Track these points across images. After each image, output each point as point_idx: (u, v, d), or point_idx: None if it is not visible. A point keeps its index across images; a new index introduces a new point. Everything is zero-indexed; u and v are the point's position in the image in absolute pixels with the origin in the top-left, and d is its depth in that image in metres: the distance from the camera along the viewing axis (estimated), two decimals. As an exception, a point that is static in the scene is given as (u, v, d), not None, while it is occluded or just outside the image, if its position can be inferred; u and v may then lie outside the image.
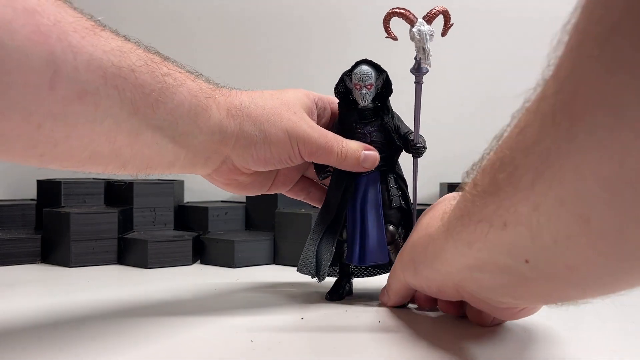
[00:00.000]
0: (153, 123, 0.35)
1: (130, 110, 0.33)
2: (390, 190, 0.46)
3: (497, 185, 0.24)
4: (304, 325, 0.39)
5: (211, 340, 0.35)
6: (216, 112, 0.39)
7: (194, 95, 0.37)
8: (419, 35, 0.41)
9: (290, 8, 0.91)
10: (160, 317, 0.41)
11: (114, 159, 0.35)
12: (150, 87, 0.34)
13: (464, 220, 0.28)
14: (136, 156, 0.36)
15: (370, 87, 0.44)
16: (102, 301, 0.46)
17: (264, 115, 0.41)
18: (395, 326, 0.39)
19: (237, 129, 0.40)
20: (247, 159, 0.41)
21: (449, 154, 0.87)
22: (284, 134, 0.41)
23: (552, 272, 0.24)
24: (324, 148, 0.42)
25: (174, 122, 0.37)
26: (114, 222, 0.65)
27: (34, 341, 0.35)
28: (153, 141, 0.36)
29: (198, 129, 0.38)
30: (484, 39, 0.88)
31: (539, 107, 0.21)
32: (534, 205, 0.22)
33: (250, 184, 0.45)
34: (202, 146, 0.39)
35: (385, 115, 0.45)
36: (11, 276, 0.58)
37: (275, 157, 0.42)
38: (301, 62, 0.90)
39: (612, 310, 0.46)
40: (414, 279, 0.39)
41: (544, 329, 0.39)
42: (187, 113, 0.37)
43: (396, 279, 0.42)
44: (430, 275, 0.36)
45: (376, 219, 0.45)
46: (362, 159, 0.43)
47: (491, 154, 0.26)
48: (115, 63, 0.32)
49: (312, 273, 0.45)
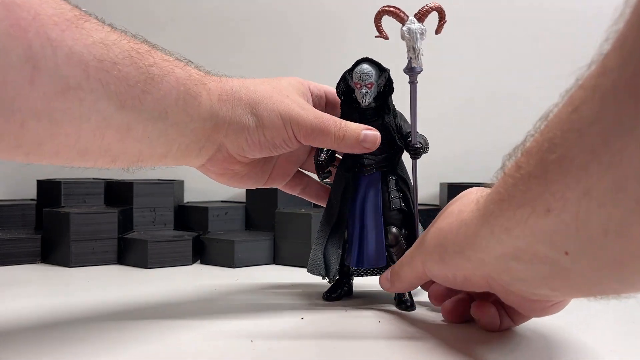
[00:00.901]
0: (143, 116, 0.35)
1: (117, 104, 0.33)
2: (390, 192, 0.45)
3: (545, 167, 0.22)
4: (304, 326, 0.39)
5: (211, 340, 0.35)
6: (207, 98, 0.38)
7: (182, 83, 0.37)
8: (409, 34, 0.41)
9: (284, 7, 0.91)
10: (160, 317, 0.41)
11: (103, 155, 0.35)
12: (135, 79, 0.34)
13: (502, 205, 0.26)
14: (127, 150, 0.35)
15: (371, 86, 0.43)
16: (102, 301, 0.46)
17: (256, 99, 0.40)
18: (395, 326, 0.39)
19: (229, 114, 0.39)
20: (242, 144, 0.40)
21: (449, 154, 0.87)
22: (277, 117, 0.40)
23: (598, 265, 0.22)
24: (319, 129, 0.41)
25: (164, 112, 0.36)
26: (114, 222, 0.65)
27: (34, 341, 0.35)
28: (144, 135, 0.35)
29: (189, 117, 0.37)
30: (484, 38, 0.87)
31: (597, 83, 0.20)
32: (584, 190, 0.20)
33: (246, 176, 0.44)
34: (194, 134, 0.38)
35: (386, 115, 0.45)
36: (11, 276, 0.58)
37: (269, 141, 0.40)
38: (298, 61, 0.90)
39: (612, 310, 0.46)
40: (437, 267, 0.36)
41: (543, 329, 0.39)
42: (175, 102, 0.36)
43: (410, 267, 0.39)
44: (460, 263, 0.33)
45: (375, 222, 0.45)
46: (361, 138, 0.42)
47: (537, 136, 0.24)
48: (97, 57, 0.31)
49: (322, 274, 0.45)
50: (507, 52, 0.87)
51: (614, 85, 0.19)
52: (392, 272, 0.42)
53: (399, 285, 0.41)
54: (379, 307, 0.45)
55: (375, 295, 0.49)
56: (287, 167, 0.47)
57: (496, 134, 0.87)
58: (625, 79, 0.18)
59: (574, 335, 0.38)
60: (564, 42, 0.84)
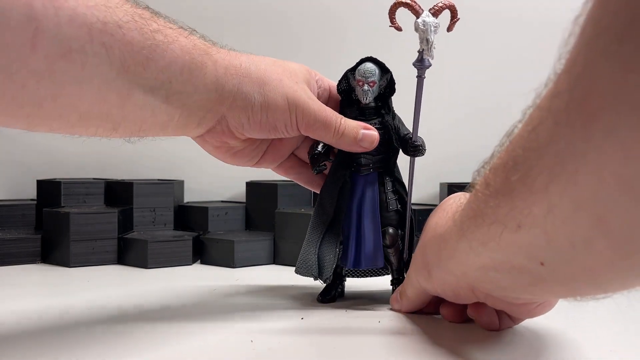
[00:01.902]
0: (144, 82, 0.34)
1: (119, 68, 0.32)
2: (387, 193, 0.45)
3: (510, 186, 0.23)
4: (304, 326, 0.39)
5: (211, 341, 0.35)
6: (212, 69, 0.37)
7: (187, 52, 0.36)
8: (424, 26, 0.40)
9: (284, 7, 0.91)
10: (160, 317, 0.41)
11: (104, 121, 0.34)
12: (140, 45, 0.33)
13: (477, 220, 0.27)
14: (128, 117, 0.35)
15: (373, 85, 0.43)
16: (102, 301, 0.46)
17: (265, 78, 0.39)
18: (395, 327, 0.39)
19: (235, 88, 0.38)
20: (243, 121, 0.39)
21: (449, 154, 0.87)
22: (283, 101, 0.39)
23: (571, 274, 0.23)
24: (322, 122, 0.41)
25: (167, 81, 0.35)
26: (114, 222, 0.65)
27: (34, 341, 0.35)
28: (145, 101, 0.34)
29: (193, 86, 0.36)
30: (485, 39, 0.87)
31: (551, 104, 0.20)
32: (548, 208, 0.21)
33: (240, 152, 0.43)
34: (196, 105, 0.37)
35: (386, 115, 0.45)
36: (11, 276, 0.58)
37: (271, 123, 0.40)
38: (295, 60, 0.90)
39: (612, 310, 0.46)
40: (428, 283, 0.37)
41: (543, 329, 0.39)
42: (180, 71, 0.35)
43: (411, 285, 0.40)
44: (445, 277, 0.35)
45: (373, 222, 0.44)
46: (359, 138, 0.42)
47: (502, 153, 0.25)
48: (101, 19, 0.30)
49: (314, 275, 0.44)
50: (508, 52, 0.87)
51: (566, 107, 0.19)
52: (400, 292, 0.42)
53: (408, 304, 0.42)
54: (379, 307, 0.45)
55: (374, 295, 0.49)
56: (280, 150, 0.46)
57: (496, 134, 0.87)
58: (575, 101, 0.19)
59: (574, 335, 0.38)
60: (564, 42, 0.84)
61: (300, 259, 0.45)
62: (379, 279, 0.50)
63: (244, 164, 0.45)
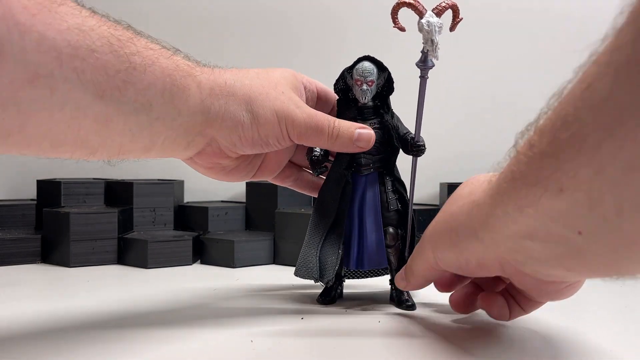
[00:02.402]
0: (124, 108, 0.33)
1: (94, 93, 0.31)
2: (388, 193, 0.45)
3: (558, 146, 0.22)
4: (304, 326, 0.39)
5: (211, 341, 0.35)
6: (196, 91, 0.37)
7: (168, 74, 0.35)
8: (428, 26, 0.40)
9: (284, 7, 0.91)
10: (160, 317, 0.41)
11: (80, 147, 0.33)
12: (115, 68, 0.32)
13: (515, 183, 0.26)
14: (106, 143, 0.34)
15: (372, 84, 0.43)
16: (102, 301, 0.46)
17: (251, 94, 0.39)
18: (395, 327, 0.39)
19: (222, 109, 0.38)
20: (234, 141, 0.39)
21: (449, 154, 0.87)
22: (272, 115, 0.39)
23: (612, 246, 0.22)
24: (314, 128, 0.40)
25: (147, 105, 0.34)
26: (114, 222, 0.65)
27: (34, 341, 0.35)
28: (125, 127, 0.33)
29: (176, 110, 0.36)
30: (485, 39, 0.87)
31: (610, 59, 0.19)
32: (598, 169, 0.20)
33: (235, 169, 0.43)
34: (182, 128, 0.37)
35: (385, 114, 0.45)
36: (11, 276, 0.58)
37: (262, 139, 0.39)
38: (295, 60, 0.90)
39: (612, 310, 0.46)
40: (449, 253, 0.35)
41: (543, 328, 0.39)
42: (160, 94, 0.34)
43: (422, 259, 0.37)
44: (472, 245, 0.32)
45: (375, 222, 0.44)
46: (355, 138, 0.41)
47: (550, 113, 0.24)
48: (72, 43, 0.29)
49: (315, 277, 0.43)
50: (508, 52, 0.87)
51: (627, 61, 0.18)
52: (406, 268, 0.40)
53: (414, 281, 0.40)
54: (379, 307, 0.45)
55: (374, 295, 0.49)
56: (276, 161, 0.46)
57: (496, 134, 0.87)
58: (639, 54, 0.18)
59: (574, 335, 0.38)
60: (565, 43, 0.84)
61: (300, 261, 0.45)
62: (379, 279, 0.50)
63: (240, 179, 0.45)
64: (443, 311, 0.44)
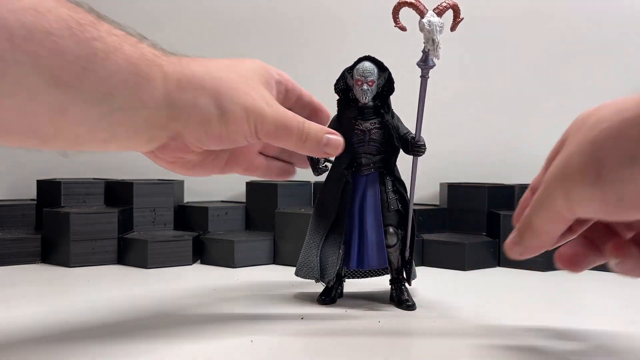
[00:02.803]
0: (82, 97, 0.31)
1: (49, 80, 0.29)
2: (388, 193, 0.45)
3: None
4: (304, 326, 0.39)
5: (211, 341, 0.35)
6: (162, 82, 0.34)
7: (132, 63, 0.32)
8: (429, 26, 0.40)
9: (285, 6, 0.91)
10: (160, 317, 0.41)
11: (32, 136, 0.31)
12: (74, 54, 0.29)
13: None
14: (61, 133, 0.32)
15: (372, 84, 0.43)
16: (102, 301, 0.46)
17: (221, 88, 0.36)
18: (395, 327, 0.39)
19: (189, 103, 0.35)
20: (201, 137, 0.36)
21: (449, 154, 0.87)
22: (241, 111, 0.36)
23: None
24: (283, 128, 0.38)
25: (108, 94, 0.31)
26: (114, 222, 0.65)
27: (34, 341, 0.35)
28: (83, 117, 0.31)
29: (140, 102, 0.33)
30: (486, 39, 0.87)
31: None
32: None
33: (199, 164, 0.41)
34: (145, 122, 0.34)
35: (385, 114, 0.45)
36: (11, 276, 0.58)
37: (230, 135, 0.37)
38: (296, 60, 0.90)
39: (612, 310, 0.46)
40: (592, 191, 0.27)
41: (543, 328, 0.39)
42: (123, 84, 0.32)
43: (548, 209, 0.30)
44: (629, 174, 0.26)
45: (375, 222, 0.44)
46: (324, 142, 0.39)
47: None
48: (27, 24, 0.27)
49: (316, 277, 0.44)
50: (508, 52, 0.87)
51: None
52: (519, 229, 0.33)
53: (534, 240, 0.32)
54: (379, 307, 0.45)
55: (374, 295, 0.49)
56: (245, 154, 0.44)
57: (496, 134, 0.87)
58: None
59: (574, 335, 0.38)
60: (564, 43, 0.84)
61: (300, 261, 0.45)
62: (379, 279, 0.50)
63: (207, 174, 0.43)
64: (443, 311, 0.44)
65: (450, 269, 0.63)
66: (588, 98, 0.83)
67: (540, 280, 0.58)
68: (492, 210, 0.71)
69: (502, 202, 0.73)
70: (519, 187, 0.76)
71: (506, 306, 0.46)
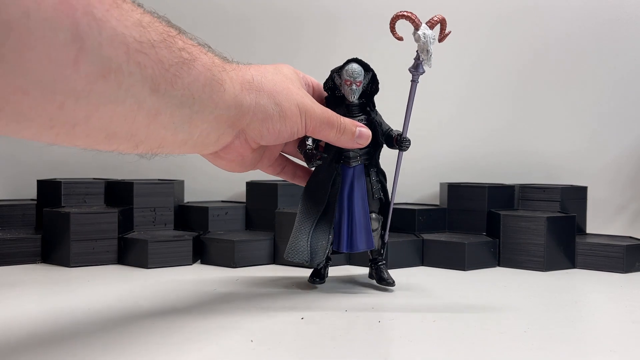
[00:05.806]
0: (173, 101, 0.34)
1: (150, 87, 0.32)
2: (373, 183, 0.50)
3: None
4: (304, 325, 0.39)
5: (211, 340, 0.35)
6: (230, 86, 0.39)
7: (208, 69, 0.37)
8: (424, 37, 0.45)
9: (281, 5, 0.91)
10: (160, 317, 0.41)
11: (128, 140, 0.34)
12: (169, 62, 0.33)
13: None
14: (151, 136, 0.35)
15: (360, 84, 0.48)
16: (102, 301, 0.46)
17: (276, 89, 0.42)
18: (395, 326, 0.39)
19: (253, 103, 0.40)
20: (263, 133, 0.42)
21: (449, 154, 0.87)
22: (295, 108, 0.42)
23: None
24: (326, 123, 0.44)
25: (191, 98, 0.35)
26: (114, 222, 0.65)
27: (34, 341, 0.35)
28: (170, 120, 0.35)
29: (214, 103, 0.37)
30: (483, 40, 0.88)
31: None
32: None
33: (249, 160, 0.45)
34: (216, 122, 0.39)
35: (371, 111, 0.49)
36: (11, 276, 0.58)
37: (286, 130, 0.42)
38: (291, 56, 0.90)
39: (612, 310, 0.46)
40: None
41: (543, 327, 0.39)
42: (202, 88, 0.36)
43: None
44: None
45: (362, 209, 0.49)
46: (357, 134, 0.46)
47: None
48: (137, 38, 0.30)
49: (306, 260, 0.48)
50: (508, 53, 0.87)
51: None
52: None
53: None
54: (379, 307, 0.45)
55: (374, 293, 0.49)
56: (274, 151, 0.49)
57: (496, 134, 0.87)
58: None
59: (574, 335, 0.38)
60: (564, 43, 0.84)
61: (290, 245, 0.49)
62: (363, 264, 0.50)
63: (246, 169, 0.47)
64: (443, 311, 0.44)
65: (450, 269, 0.63)
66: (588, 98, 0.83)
67: (540, 280, 0.58)
68: (492, 210, 0.71)
69: (502, 202, 0.73)
70: (519, 187, 0.76)
71: (506, 306, 0.46)
